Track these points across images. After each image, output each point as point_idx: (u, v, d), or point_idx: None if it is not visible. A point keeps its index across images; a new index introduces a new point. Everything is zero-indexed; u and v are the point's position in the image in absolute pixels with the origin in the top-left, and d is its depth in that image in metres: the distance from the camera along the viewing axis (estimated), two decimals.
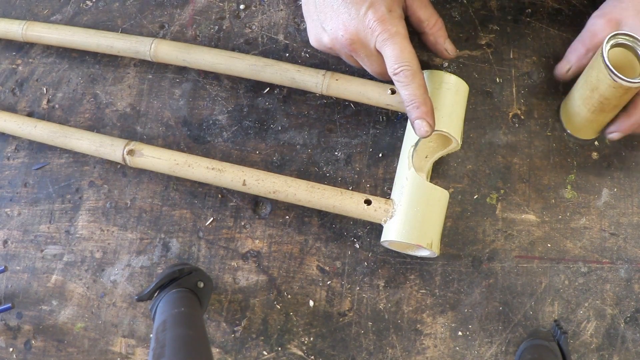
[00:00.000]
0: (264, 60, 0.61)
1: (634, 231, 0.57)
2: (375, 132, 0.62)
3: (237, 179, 0.56)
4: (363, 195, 0.53)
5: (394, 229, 0.52)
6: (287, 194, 0.55)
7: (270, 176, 0.56)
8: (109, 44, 0.65)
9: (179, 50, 0.63)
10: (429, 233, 0.51)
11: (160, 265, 0.63)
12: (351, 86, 0.57)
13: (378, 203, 0.53)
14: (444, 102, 0.54)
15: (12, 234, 0.67)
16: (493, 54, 0.63)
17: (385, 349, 0.57)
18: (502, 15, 0.64)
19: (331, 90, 0.58)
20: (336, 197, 0.53)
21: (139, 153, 0.58)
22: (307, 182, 0.55)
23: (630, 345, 0.54)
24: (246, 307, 0.60)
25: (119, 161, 0.59)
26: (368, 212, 0.53)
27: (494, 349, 0.56)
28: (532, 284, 0.56)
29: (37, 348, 0.63)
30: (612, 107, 0.51)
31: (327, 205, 0.54)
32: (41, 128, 0.64)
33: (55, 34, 0.68)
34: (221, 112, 0.66)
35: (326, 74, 0.58)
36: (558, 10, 0.64)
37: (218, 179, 0.57)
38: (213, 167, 0.57)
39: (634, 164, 0.59)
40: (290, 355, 0.58)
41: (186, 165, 0.57)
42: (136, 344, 0.61)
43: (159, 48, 0.63)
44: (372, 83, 0.57)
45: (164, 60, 0.64)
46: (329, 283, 0.59)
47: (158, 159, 0.58)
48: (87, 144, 0.62)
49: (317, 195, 0.54)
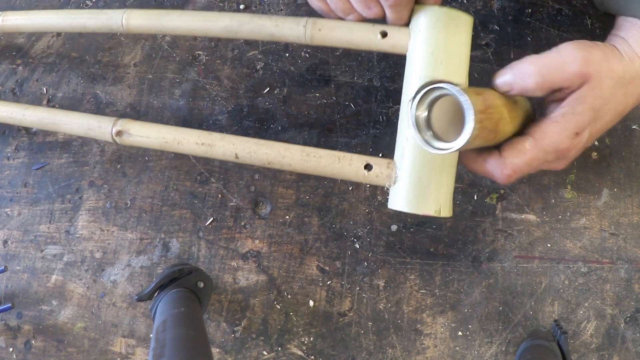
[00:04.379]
0: (238, 17, 0.57)
1: (634, 231, 0.57)
2: (375, 132, 0.62)
3: (228, 153, 0.52)
4: (363, 158, 0.48)
5: (398, 196, 0.46)
6: (282, 164, 0.51)
7: (262, 146, 0.51)
8: (81, 25, 0.64)
9: (151, 19, 0.60)
10: (435, 198, 0.45)
11: (160, 265, 0.63)
12: (336, 34, 0.52)
13: (379, 167, 0.48)
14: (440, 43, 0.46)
15: (12, 234, 0.67)
16: (493, 54, 0.63)
17: (385, 349, 0.57)
18: (502, 15, 0.64)
19: (316, 41, 0.52)
20: (334, 163, 0.50)
21: (127, 134, 0.56)
22: (302, 148, 0.51)
23: (630, 345, 0.54)
24: (246, 307, 0.60)
25: (109, 141, 0.57)
26: (369, 178, 0.48)
27: (494, 349, 0.56)
28: (532, 284, 0.56)
29: (37, 348, 0.63)
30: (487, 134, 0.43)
31: (326, 173, 0.50)
32: (30, 114, 0.63)
33: (28, 20, 0.67)
34: (221, 112, 0.66)
35: (307, 23, 0.52)
36: (558, 10, 0.64)
37: (209, 154, 0.53)
38: (203, 142, 0.54)
39: (634, 164, 0.59)
40: (290, 355, 0.58)
41: (175, 143, 0.54)
42: (136, 344, 0.61)
43: (130, 19, 0.61)
44: (359, 26, 0.50)
45: (138, 31, 0.62)
46: (329, 283, 0.59)
47: (147, 137, 0.56)
48: (76, 126, 0.60)
49: (313, 163, 0.50)
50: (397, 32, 0.47)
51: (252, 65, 0.67)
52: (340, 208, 0.61)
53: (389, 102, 0.63)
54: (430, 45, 0.45)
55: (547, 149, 0.40)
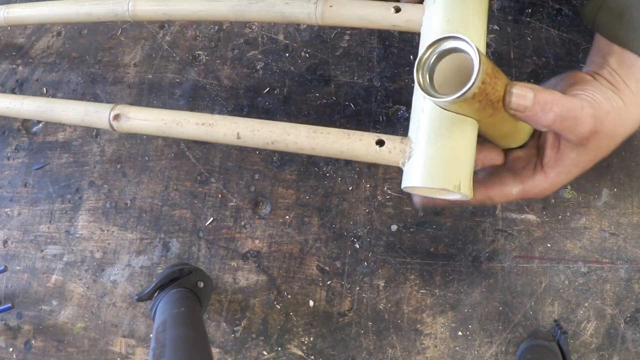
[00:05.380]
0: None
1: (634, 231, 0.57)
2: (375, 132, 0.62)
3: (230, 133, 0.49)
4: (374, 135, 0.46)
5: (413, 172, 0.43)
6: (287, 142, 0.48)
7: (266, 125, 0.49)
8: (87, 12, 0.63)
9: (158, 4, 0.60)
10: (455, 172, 0.42)
11: (160, 265, 0.63)
12: (348, 10, 0.50)
13: (392, 143, 0.45)
14: (455, 11, 0.44)
15: (12, 234, 0.67)
16: (493, 54, 0.63)
17: (385, 349, 0.57)
18: (502, 15, 0.64)
19: (327, 19, 0.51)
20: (343, 140, 0.46)
21: (125, 117, 0.55)
22: (309, 126, 0.48)
23: (630, 345, 0.54)
24: (246, 307, 0.60)
25: (107, 128, 0.56)
26: (382, 155, 0.45)
27: (494, 349, 0.56)
28: (532, 284, 0.56)
29: (37, 348, 0.63)
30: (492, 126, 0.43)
31: (334, 151, 0.46)
32: (28, 104, 0.62)
33: (35, 12, 0.67)
34: (221, 112, 0.66)
35: (318, 1, 0.51)
36: (558, 10, 0.64)
37: (210, 135, 0.51)
38: (203, 122, 0.51)
39: (634, 164, 0.59)
40: (290, 355, 0.58)
41: (175, 124, 0.53)
42: (136, 344, 0.61)
43: (137, 6, 0.60)
44: (372, 3, 0.49)
45: (144, 18, 0.61)
46: (329, 283, 0.59)
47: (145, 120, 0.54)
48: (73, 114, 0.59)
49: (320, 140, 0.47)
50: (411, 7, 0.46)
51: (252, 65, 0.67)
52: (340, 208, 0.61)
53: (389, 102, 0.63)
54: (446, 15, 0.44)
55: (529, 195, 0.43)
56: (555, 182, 0.43)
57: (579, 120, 0.39)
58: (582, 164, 0.42)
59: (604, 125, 0.41)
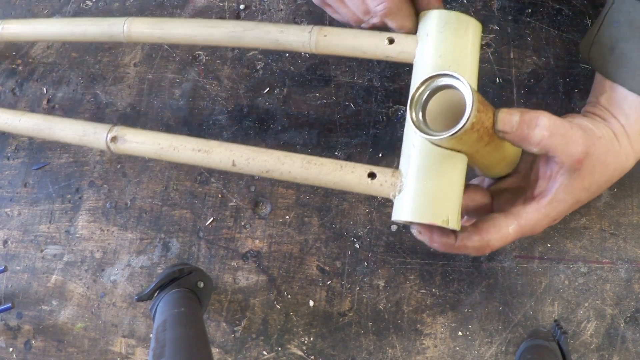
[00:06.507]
0: (243, 24, 0.56)
1: (634, 231, 0.57)
2: (375, 132, 0.62)
3: (225, 160, 0.50)
4: (367, 167, 0.47)
5: (403, 206, 0.44)
6: (282, 171, 0.49)
7: (261, 153, 0.50)
8: (82, 32, 0.63)
9: (153, 27, 0.60)
10: (443, 207, 0.43)
11: (160, 265, 0.63)
12: (343, 40, 0.51)
13: (384, 176, 0.46)
14: (448, 46, 0.44)
15: (12, 234, 0.67)
16: (493, 54, 0.63)
17: (385, 349, 0.57)
18: (502, 15, 0.64)
19: (321, 48, 0.52)
20: (335, 171, 0.47)
21: (122, 139, 0.55)
22: (303, 156, 0.49)
23: (630, 345, 0.54)
24: (246, 307, 0.60)
25: (104, 149, 0.56)
26: (373, 187, 0.46)
27: (494, 349, 0.56)
28: (532, 284, 0.56)
29: (37, 348, 0.63)
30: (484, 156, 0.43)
31: (327, 182, 0.48)
32: (26, 120, 0.62)
33: (30, 29, 0.67)
34: (221, 112, 0.66)
35: (312, 30, 0.52)
36: (558, 10, 0.64)
37: (206, 161, 0.52)
38: (199, 148, 0.52)
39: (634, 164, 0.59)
40: (290, 355, 0.58)
41: (171, 149, 0.53)
42: (136, 344, 0.61)
43: (132, 27, 0.60)
44: (366, 33, 0.49)
45: (139, 40, 0.61)
46: (329, 283, 0.59)
47: (142, 144, 0.55)
48: (71, 133, 0.59)
49: (314, 171, 0.48)
50: (405, 38, 0.46)
51: (252, 65, 0.67)
52: (340, 208, 0.61)
53: (389, 102, 0.63)
54: (439, 49, 0.44)
55: (525, 232, 0.41)
56: (549, 213, 0.41)
57: (569, 138, 0.38)
58: (576, 192, 0.40)
59: (595, 148, 0.39)
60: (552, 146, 0.38)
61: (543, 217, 0.41)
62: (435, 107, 0.40)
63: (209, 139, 0.51)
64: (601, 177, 0.41)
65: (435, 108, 0.40)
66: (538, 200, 0.41)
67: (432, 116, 0.40)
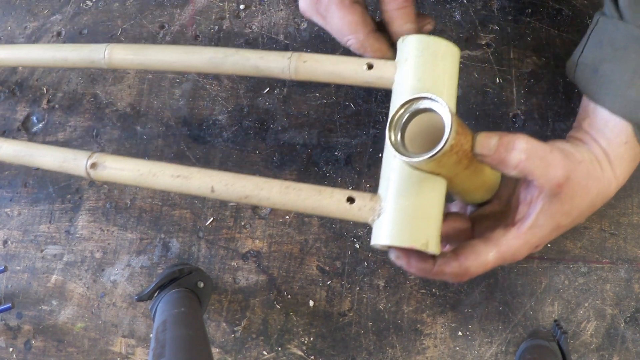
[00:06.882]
0: (223, 50, 0.56)
1: (634, 231, 0.57)
2: (375, 132, 0.62)
3: (204, 186, 0.50)
4: (345, 192, 0.46)
5: (382, 230, 0.44)
6: (260, 197, 0.49)
7: (240, 179, 0.50)
8: (63, 57, 0.63)
9: (134, 54, 0.59)
10: (422, 230, 0.42)
11: (160, 265, 0.63)
12: (322, 66, 0.51)
13: (362, 200, 0.46)
14: (427, 71, 0.45)
15: (12, 234, 0.67)
16: (493, 54, 0.63)
17: (385, 349, 0.57)
18: (502, 15, 0.64)
19: (300, 74, 0.52)
20: (314, 197, 0.47)
21: (102, 166, 0.55)
22: (282, 182, 0.49)
23: (630, 345, 0.54)
24: (246, 307, 0.60)
25: (83, 176, 0.56)
26: (352, 212, 0.46)
27: (494, 349, 0.56)
28: (532, 284, 0.56)
29: (37, 348, 0.63)
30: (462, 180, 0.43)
31: (305, 208, 0.48)
32: (6, 147, 0.62)
33: (11, 54, 0.66)
34: (221, 112, 0.66)
35: (292, 57, 0.52)
36: (558, 10, 0.64)
37: (185, 187, 0.52)
38: (179, 174, 0.52)
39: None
40: (290, 355, 0.58)
41: (150, 175, 0.53)
42: (136, 344, 0.61)
43: (113, 54, 0.60)
44: (345, 59, 0.50)
45: (120, 66, 0.61)
46: (329, 283, 0.59)
47: (121, 170, 0.55)
48: (51, 159, 0.59)
49: (292, 196, 0.48)
50: (384, 64, 0.46)
51: None
52: None
53: (388, 102, 0.63)
54: (417, 73, 0.44)
55: (506, 258, 0.40)
56: (530, 239, 0.40)
57: (548, 161, 0.38)
58: (556, 217, 0.39)
59: (576, 172, 0.39)
60: (530, 169, 0.37)
61: (524, 243, 0.40)
62: (414, 130, 0.40)
63: (190, 166, 0.52)
64: (582, 202, 0.40)
65: (415, 131, 0.40)
66: (518, 226, 0.40)
67: (411, 139, 0.39)
